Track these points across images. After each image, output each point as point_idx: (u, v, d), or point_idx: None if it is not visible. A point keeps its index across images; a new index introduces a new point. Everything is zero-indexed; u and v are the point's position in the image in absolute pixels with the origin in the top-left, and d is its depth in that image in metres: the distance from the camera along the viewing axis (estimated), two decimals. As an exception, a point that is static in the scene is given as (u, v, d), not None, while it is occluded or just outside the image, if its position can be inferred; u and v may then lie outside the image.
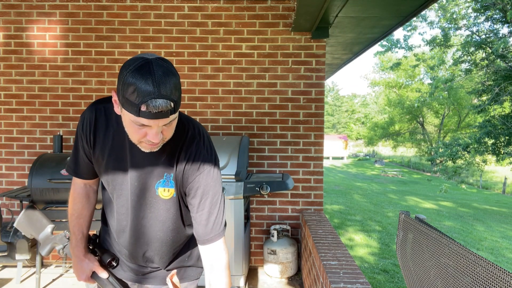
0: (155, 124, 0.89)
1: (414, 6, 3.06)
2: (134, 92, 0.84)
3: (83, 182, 1.25)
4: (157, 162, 1.06)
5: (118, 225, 1.20)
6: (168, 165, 1.07)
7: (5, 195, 2.96)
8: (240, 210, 2.96)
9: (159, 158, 1.06)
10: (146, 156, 1.05)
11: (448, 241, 1.53)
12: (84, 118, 1.11)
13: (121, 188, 1.11)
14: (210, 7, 3.51)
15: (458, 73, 16.79)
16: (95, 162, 1.14)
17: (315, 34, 3.42)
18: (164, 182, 1.07)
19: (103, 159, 1.10)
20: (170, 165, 1.07)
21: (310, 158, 3.56)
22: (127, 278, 1.31)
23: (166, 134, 0.96)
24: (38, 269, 2.96)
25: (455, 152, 13.64)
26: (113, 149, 1.08)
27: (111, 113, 1.08)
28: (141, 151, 1.01)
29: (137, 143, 0.97)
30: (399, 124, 31.13)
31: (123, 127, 0.99)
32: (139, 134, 0.92)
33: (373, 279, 4.33)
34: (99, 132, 1.09)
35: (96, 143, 1.10)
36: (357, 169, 25.36)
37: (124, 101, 0.87)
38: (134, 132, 0.93)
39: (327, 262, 2.22)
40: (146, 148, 0.98)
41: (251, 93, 3.54)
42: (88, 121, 1.10)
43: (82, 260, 1.23)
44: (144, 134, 0.92)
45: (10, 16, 3.53)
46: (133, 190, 1.09)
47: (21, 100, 3.57)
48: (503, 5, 12.57)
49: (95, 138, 1.10)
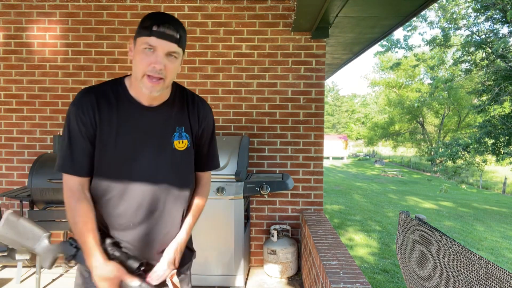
0: (162, 47, 1.05)
1: (414, 6, 3.06)
2: (149, 19, 1.06)
3: (79, 182, 1.16)
4: (168, 119, 1.19)
5: (130, 214, 1.16)
6: (178, 120, 1.21)
7: (5, 195, 2.96)
8: (240, 210, 2.96)
9: (169, 116, 1.20)
10: (157, 116, 1.17)
11: (448, 241, 1.53)
12: (82, 104, 1.13)
13: (140, 153, 1.16)
14: (210, 7, 3.51)
15: (458, 73, 16.79)
16: (105, 141, 1.13)
17: (315, 34, 3.42)
18: (177, 135, 1.20)
19: (115, 130, 1.14)
20: (181, 119, 1.22)
21: (310, 158, 3.56)
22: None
23: (168, 72, 1.08)
24: (38, 269, 2.96)
25: (455, 152, 13.63)
26: (121, 119, 1.14)
27: (105, 91, 1.16)
28: (151, 114, 1.16)
29: (141, 77, 1.07)
30: (399, 124, 31.14)
31: (123, 99, 1.14)
32: (146, 61, 1.05)
33: (373, 279, 4.33)
34: (103, 110, 1.13)
35: (102, 121, 1.13)
36: (357, 169, 25.36)
37: (139, 30, 1.07)
38: (142, 60, 1.06)
39: (327, 262, 2.22)
40: (148, 87, 1.08)
41: (251, 93, 3.54)
42: (88, 104, 1.12)
43: (104, 268, 1.07)
44: (150, 62, 1.05)
45: (10, 16, 3.53)
46: (153, 149, 1.17)
47: (21, 100, 3.57)
48: (503, 5, 12.57)
49: (100, 116, 1.13)
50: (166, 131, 1.19)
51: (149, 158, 1.17)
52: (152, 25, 1.04)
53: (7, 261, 3.12)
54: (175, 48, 1.08)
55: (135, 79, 1.11)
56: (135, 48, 1.09)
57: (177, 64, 1.12)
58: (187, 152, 1.23)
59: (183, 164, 1.23)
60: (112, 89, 1.16)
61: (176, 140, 1.19)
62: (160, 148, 1.18)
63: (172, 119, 1.20)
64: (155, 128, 1.17)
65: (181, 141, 1.20)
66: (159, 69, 1.06)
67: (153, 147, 1.17)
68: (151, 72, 1.06)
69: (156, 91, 1.10)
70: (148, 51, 1.05)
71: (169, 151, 1.19)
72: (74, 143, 1.13)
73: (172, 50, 1.07)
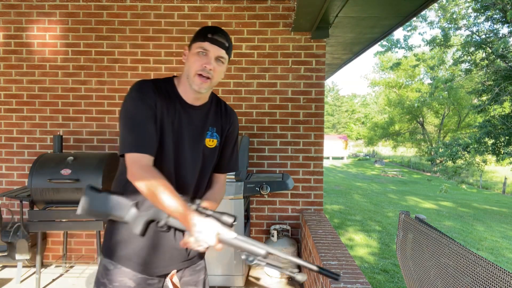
0: (213, 51, 1.22)
1: (414, 6, 3.06)
2: (205, 29, 1.25)
3: (150, 160, 1.19)
4: (205, 119, 1.34)
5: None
6: (212, 121, 1.36)
7: (5, 195, 2.96)
8: (240, 210, 2.96)
9: (206, 116, 1.35)
10: (197, 114, 1.32)
11: (448, 241, 1.53)
12: (144, 89, 1.23)
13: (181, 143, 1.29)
14: (210, 7, 3.51)
15: (458, 73, 16.79)
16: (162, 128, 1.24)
17: (315, 34, 3.42)
18: (209, 134, 1.34)
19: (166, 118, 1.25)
20: (215, 121, 1.37)
21: (310, 158, 3.56)
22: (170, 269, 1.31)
23: (215, 74, 1.25)
24: (38, 269, 2.96)
25: (455, 152, 13.63)
26: (170, 110, 1.27)
27: (159, 83, 1.29)
28: (193, 111, 1.31)
29: (193, 76, 1.23)
30: (399, 124, 31.11)
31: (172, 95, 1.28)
32: (199, 62, 1.22)
33: (373, 279, 4.33)
34: (160, 98, 1.25)
35: (160, 108, 1.24)
36: (357, 169, 25.36)
37: (195, 38, 1.25)
38: (195, 61, 1.22)
39: (327, 262, 2.22)
40: (197, 84, 1.23)
41: (251, 93, 3.54)
42: (150, 89, 1.24)
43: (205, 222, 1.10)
44: (202, 63, 1.21)
45: (10, 16, 3.53)
46: (191, 141, 1.31)
47: (21, 100, 3.57)
48: (503, 5, 12.57)
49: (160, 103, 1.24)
50: (202, 129, 1.33)
51: (187, 149, 1.30)
52: (207, 33, 1.23)
53: (7, 261, 3.12)
54: (223, 54, 1.25)
55: (187, 77, 1.25)
56: (190, 52, 1.26)
57: (223, 69, 1.29)
58: (214, 151, 1.37)
59: (209, 161, 1.37)
60: (164, 84, 1.30)
61: (208, 138, 1.34)
62: (196, 142, 1.32)
63: (208, 119, 1.35)
64: (194, 123, 1.32)
65: (212, 139, 1.35)
66: (209, 69, 1.22)
67: (191, 140, 1.31)
68: (202, 71, 1.22)
69: (203, 89, 1.25)
70: (201, 54, 1.23)
71: (202, 147, 1.33)
72: (143, 124, 1.19)
73: (221, 55, 1.24)
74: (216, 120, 1.38)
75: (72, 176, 2.89)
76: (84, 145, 3.58)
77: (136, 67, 3.54)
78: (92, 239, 3.59)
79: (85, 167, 2.95)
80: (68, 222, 2.96)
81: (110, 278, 1.23)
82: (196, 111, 1.32)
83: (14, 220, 3.36)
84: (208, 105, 1.37)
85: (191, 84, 1.24)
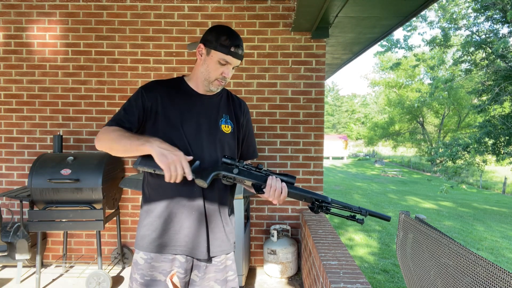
0: (233, 63, 1.36)
1: (414, 6, 3.06)
2: (228, 40, 1.33)
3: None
4: (218, 107, 1.47)
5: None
6: (224, 109, 1.48)
7: (5, 195, 2.96)
8: (240, 210, 2.96)
9: (218, 105, 1.47)
10: (210, 102, 1.45)
11: (448, 241, 1.53)
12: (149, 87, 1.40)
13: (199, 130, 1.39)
14: (210, 7, 3.51)
15: (458, 73, 16.78)
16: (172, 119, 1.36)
17: (315, 34, 3.42)
18: (224, 120, 1.45)
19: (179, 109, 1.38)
20: (227, 109, 1.49)
21: (310, 158, 3.56)
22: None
23: (229, 77, 1.39)
24: (38, 269, 2.96)
25: (455, 152, 13.62)
26: (182, 101, 1.41)
27: (169, 81, 1.45)
28: (206, 99, 1.43)
29: (212, 81, 1.38)
30: (399, 124, 31.10)
31: (183, 88, 1.43)
32: (218, 71, 1.36)
33: (373, 279, 4.33)
34: (166, 94, 1.39)
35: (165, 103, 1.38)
36: (357, 169, 25.35)
37: (218, 45, 1.33)
38: (215, 70, 1.36)
39: (327, 262, 2.22)
40: (215, 85, 1.39)
41: (251, 93, 3.54)
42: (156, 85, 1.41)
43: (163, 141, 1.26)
44: (222, 72, 1.36)
45: (10, 16, 3.53)
46: (208, 126, 1.41)
47: (21, 100, 3.57)
48: (503, 5, 12.57)
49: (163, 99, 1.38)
50: (217, 115, 1.45)
51: (205, 134, 1.40)
52: (231, 46, 1.33)
53: (7, 261, 3.12)
54: (239, 63, 1.41)
55: (205, 79, 1.39)
56: (210, 57, 1.36)
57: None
58: (232, 135, 1.47)
59: (230, 143, 1.47)
60: (173, 81, 1.46)
61: (223, 124, 1.45)
62: (213, 127, 1.42)
63: (220, 107, 1.48)
64: (209, 109, 1.44)
65: (226, 125, 1.46)
66: (227, 77, 1.38)
67: (208, 125, 1.41)
68: (221, 79, 1.38)
69: (219, 89, 1.43)
70: (222, 64, 1.35)
71: (219, 131, 1.43)
72: (128, 109, 1.35)
73: (238, 65, 1.40)
74: (228, 108, 1.50)
75: (72, 176, 2.89)
76: (84, 145, 3.58)
77: (136, 67, 3.54)
78: (92, 239, 3.59)
79: (85, 167, 2.95)
80: (68, 222, 2.96)
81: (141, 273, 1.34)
82: (209, 99, 1.45)
83: (14, 220, 3.36)
84: (219, 95, 1.50)
85: (209, 86, 1.40)
